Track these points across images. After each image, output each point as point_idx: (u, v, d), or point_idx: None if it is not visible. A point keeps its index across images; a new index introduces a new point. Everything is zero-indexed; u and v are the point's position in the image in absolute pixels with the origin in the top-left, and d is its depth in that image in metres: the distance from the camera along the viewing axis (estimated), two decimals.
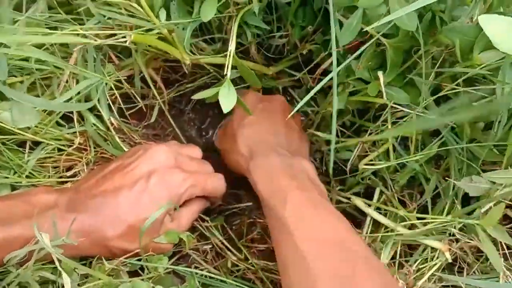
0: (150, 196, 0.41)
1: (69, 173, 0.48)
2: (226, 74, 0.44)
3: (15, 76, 0.45)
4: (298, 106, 0.41)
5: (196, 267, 0.46)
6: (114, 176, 0.42)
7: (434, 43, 0.44)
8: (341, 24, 0.42)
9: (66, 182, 0.47)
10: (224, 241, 0.49)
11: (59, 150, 0.48)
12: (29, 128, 0.45)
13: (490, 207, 0.41)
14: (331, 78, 0.42)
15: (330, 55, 0.49)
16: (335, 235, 0.37)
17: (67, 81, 0.47)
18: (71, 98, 0.47)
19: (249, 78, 0.51)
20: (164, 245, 0.43)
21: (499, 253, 0.42)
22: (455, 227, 0.44)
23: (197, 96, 0.47)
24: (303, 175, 0.44)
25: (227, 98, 0.44)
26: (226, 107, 0.44)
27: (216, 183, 0.47)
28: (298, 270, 0.35)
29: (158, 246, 0.42)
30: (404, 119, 0.47)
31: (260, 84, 0.54)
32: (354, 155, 0.53)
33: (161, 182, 0.42)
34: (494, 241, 0.42)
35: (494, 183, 0.41)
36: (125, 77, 0.53)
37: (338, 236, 0.37)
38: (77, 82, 0.48)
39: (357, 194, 0.54)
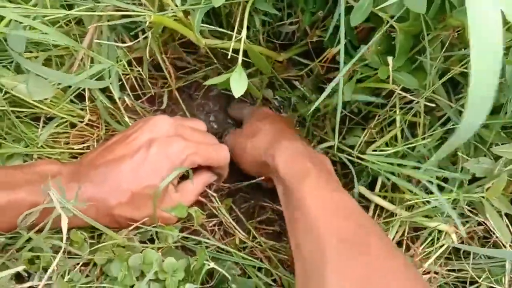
0: (151, 164, 0.42)
1: (78, 147, 0.48)
2: (238, 60, 0.45)
3: (31, 52, 0.46)
4: (316, 103, 0.42)
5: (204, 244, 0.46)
6: (116, 147, 0.43)
7: (443, 28, 0.44)
8: (351, 9, 0.43)
9: (76, 157, 0.48)
10: (232, 221, 0.49)
11: (72, 126, 0.49)
12: (43, 102, 0.45)
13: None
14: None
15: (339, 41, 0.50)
16: (350, 211, 0.38)
17: (81, 60, 0.47)
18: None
19: (260, 63, 0.52)
20: (170, 216, 0.43)
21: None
22: (465, 204, 0.45)
23: (209, 82, 0.48)
24: (323, 165, 0.46)
25: (238, 83, 0.45)
26: (237, 92, 0.44)
27: (219, 153, 0.48)
28: (309, 240, 0.36)
29: (164, 215, 0.43)
30: (412, 104, 0.48)
31: (270, 69, 0.55)
32: (361, 141, 0.53)
33: (162, 151, 0.42)
34: None
35: (500, 162, 0.41)
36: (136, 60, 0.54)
37: (353, 213, 0.38)
38: (92, 61, 0.48)
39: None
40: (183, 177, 0.47)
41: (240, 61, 0.45)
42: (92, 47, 0.48)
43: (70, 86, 0.47)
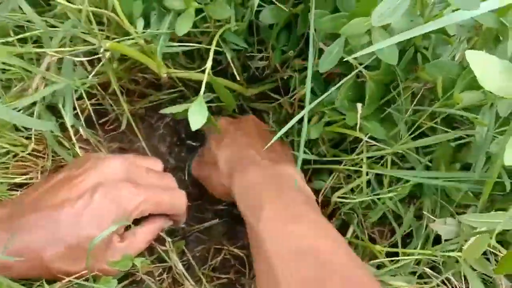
0: (93, 212, 0.37)
1: (18, 179, 0.44)
2: (200, 91, 0.42)
3: None
4: (277, 136, 0.39)
5: None
6: (59, 189, 0.38)
7: (415, 80, 0.43)
8: (322, 52, 0.41)
9: (17, 190, 0.44)
10: (182, 268, 0.45)
11: (15, 156, 0.45)
12: None
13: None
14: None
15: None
16: (310, 244, 0.35)
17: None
18: (34, 103, 0.44)
19: (224, 97, 0.50)
20: (111, 269, 0.39)
21: None
22: (428, 263, 0.43)
23: (166, 110, 0.45)
24: (287, 182, 0.43)
25: (197, 115, 0.42)
26: (195, 125, 0.41)
27: (174, 199, 0.44)
28: (267, 283, 0.34)
29: (104, 269, 0.39)
30: (380, 153, 0.46)
31: (234, 104, 0.52)
32: (327, 186, 0.51)
33: (107, 197, 0.38)
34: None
35: (470, 226, 0.39)
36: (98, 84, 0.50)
37: (313, 245, 0.35)
38: (45, 85, 0.45)
39: None
40: (135, 221, 0.42)
41: (202, 92, 0.43)
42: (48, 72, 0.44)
43: None
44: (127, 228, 0.41)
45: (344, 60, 0.39)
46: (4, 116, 0.35)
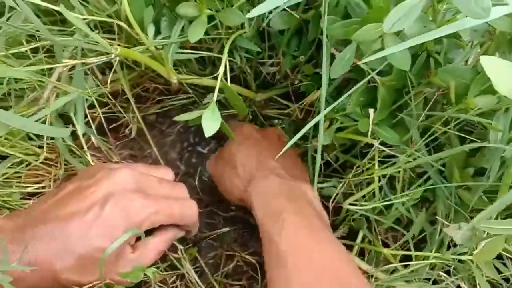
0: (104, 224, 0.37)
1: (31, 188, 0.44)
2: (212, 97, 0.42)
3: None
4: (291, 141, 0.39)
5: None
6: (69, 200, 0.38)
7: (427, 85, 0.43)
8: (333, 57, 0.41)
9: (29, 199, 0.44)
10: (195, 275, 0.45)
11: (28, 165, 0.45)
12: None
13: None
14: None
15: (319, 87, 0.48)
16: (331, 265, 0.36)
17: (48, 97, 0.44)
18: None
19: (236, 103, 0.49)
20: (123, 280, 0.39)
21: None
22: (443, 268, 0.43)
23: (179, 117, 0.45)
24: (303, 199, 0.43)
25: (210, 122, 0.42)
26: (208, 131, 0.41)
27: (185, 210, 0.43)
28: None
29: (116, 280, 0.39)
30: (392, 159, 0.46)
31: (246, 110, 0.52)
32: (337, 192, 0.51)
33: (117, 209, 0.38)
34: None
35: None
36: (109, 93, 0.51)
37: (334, 266, 0.36)
38: (57, 96, 0.45)
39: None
40: (147, 231, 0.42)
41: (214, 99, 0.43)
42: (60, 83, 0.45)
43: None
44: (139, 238, 0.41)
45: (355, 65, 0.39)
46: (17, 124, 0.35)
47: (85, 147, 0.46)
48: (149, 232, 0.42)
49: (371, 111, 0.43)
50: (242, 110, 0.51)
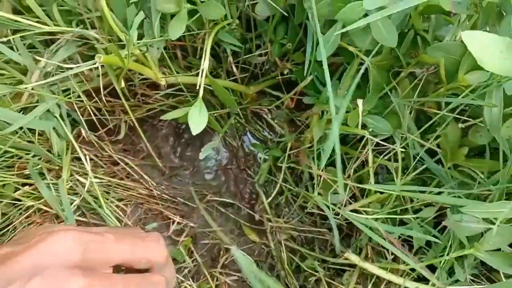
0: None
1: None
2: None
3: None
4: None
5: None
6: None
7: (417, 64, 0.42)
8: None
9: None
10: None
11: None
12: None
13: None
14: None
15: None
16: None
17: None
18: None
19: (225, 97, 0.49)
20: None
21: None
22: None
23: (166, 116, 0.44)
24: None
25: (197, 119, 0.41)
26: (195, 128, 0.40)
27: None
28: None
29: None
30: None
31: (236, 104, 0.51)
32: (344, 199, 0.48)
33: None
34: None
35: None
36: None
37: None
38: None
39: None
40: None
41: (200, 95, 0.42)
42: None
43: None
44: None
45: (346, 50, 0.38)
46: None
47: (75, 144, 0.46)
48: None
49: (359, 101, 0.42)
50: (231, 104, 0.50)
